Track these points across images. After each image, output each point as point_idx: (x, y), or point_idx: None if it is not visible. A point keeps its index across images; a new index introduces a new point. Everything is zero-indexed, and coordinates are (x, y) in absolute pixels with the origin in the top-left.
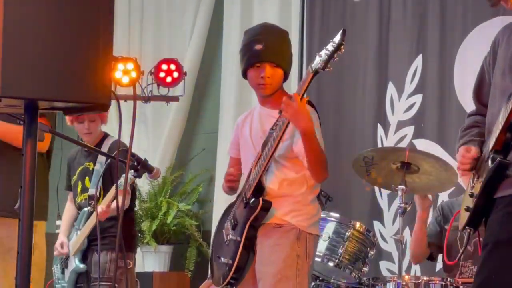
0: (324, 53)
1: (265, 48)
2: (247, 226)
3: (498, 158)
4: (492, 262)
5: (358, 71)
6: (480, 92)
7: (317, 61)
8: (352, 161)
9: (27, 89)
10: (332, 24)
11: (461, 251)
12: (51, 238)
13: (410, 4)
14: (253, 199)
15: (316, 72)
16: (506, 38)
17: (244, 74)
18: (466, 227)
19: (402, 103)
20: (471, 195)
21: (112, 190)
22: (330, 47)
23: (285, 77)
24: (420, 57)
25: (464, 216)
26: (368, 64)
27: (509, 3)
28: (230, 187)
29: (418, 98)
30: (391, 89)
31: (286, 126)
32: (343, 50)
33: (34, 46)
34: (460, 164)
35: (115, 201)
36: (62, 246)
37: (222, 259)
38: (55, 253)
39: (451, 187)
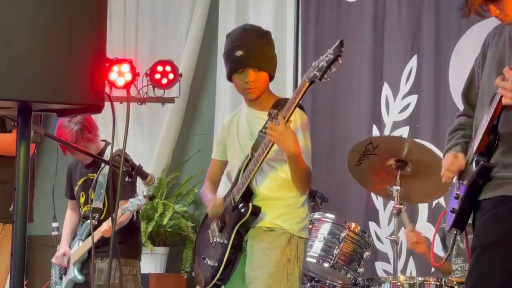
0: (321, 63)
1: (246, 54)
2: (235, 230)
3: (482, 162)
4: (480, 266)
5: (353, 71)
6: (469, 93)
7: (314, 71)
8: (352, 146)
9: (20, 91)
10: (327, 25)
11: (448, 252)
12: (46, 240)
13: (404, 5)
14: (242, 204)
15: (311, 82)
16: (495, 39)
17: (230, 79)
18: (452, 228)
19: (397, 104)
20: (457, 197)
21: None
22: (327, 57)
23: (271, 77)
24: (415, 57)
25: (451, 217)
26: (363, 65)
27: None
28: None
29: (413, 99)
30: (386, 90)
31: None
32: (340, 61)
33: (27, 47)
34: (446, 171)
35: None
36: (63, 257)
37: (208, 261)
38: (54, 260)
39: (445, 192)
